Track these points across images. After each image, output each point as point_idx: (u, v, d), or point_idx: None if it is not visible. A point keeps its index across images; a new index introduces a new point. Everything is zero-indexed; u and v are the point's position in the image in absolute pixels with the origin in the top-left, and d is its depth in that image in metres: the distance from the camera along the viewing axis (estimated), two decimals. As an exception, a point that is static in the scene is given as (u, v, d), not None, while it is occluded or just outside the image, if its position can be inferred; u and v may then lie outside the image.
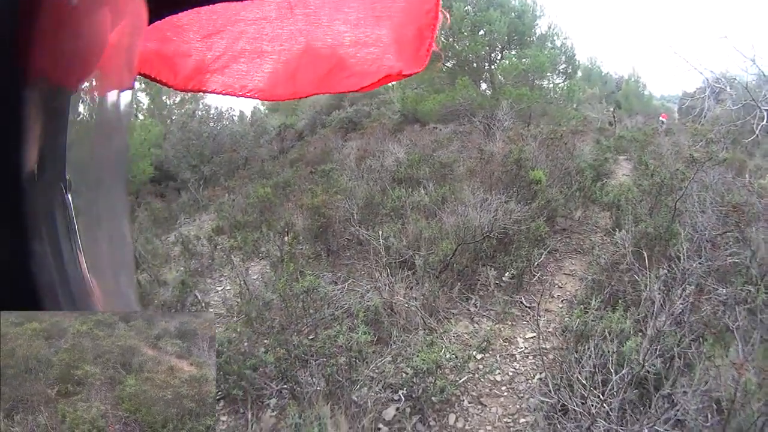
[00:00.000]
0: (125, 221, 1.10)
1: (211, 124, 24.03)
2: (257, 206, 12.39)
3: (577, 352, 5.40)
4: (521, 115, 15.81)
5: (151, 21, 1.13)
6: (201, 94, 2.20)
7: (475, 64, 20.00)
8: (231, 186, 16.86)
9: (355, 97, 20.23)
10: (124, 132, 1.06)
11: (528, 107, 16.29)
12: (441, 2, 1.75)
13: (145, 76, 1.76)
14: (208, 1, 1.54)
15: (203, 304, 8.63)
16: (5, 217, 0.62)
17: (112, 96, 0.90)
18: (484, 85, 19.96)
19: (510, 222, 8.30)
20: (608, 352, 4.96)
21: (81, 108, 0.76)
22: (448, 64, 19.62)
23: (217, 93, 1.89)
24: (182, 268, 9.97)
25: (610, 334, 5.23)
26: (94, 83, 0.80)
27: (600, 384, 4.83)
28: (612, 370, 4.79)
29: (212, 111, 25.30)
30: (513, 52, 20.08)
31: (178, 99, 27.24)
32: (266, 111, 33.85)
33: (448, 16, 1.81)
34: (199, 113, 24.77)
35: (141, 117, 25.38)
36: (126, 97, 0.99)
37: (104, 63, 0.81)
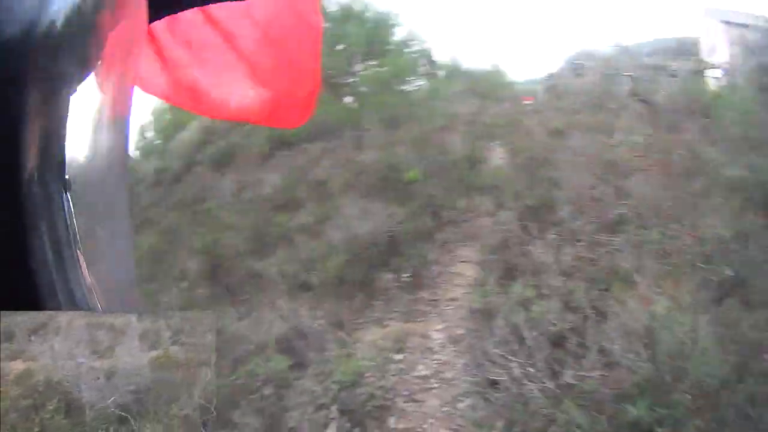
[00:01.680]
0: (126, 220, 1.10)
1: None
2: (148, 257, 11.98)
3: (489, 328, 5.58)
4: (389, 121, 16.10)
5: (151, 20, 1.16)
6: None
7: (336, 80, 20.18)
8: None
9: (223, 128, 19.76)
10: (125, 130, 1.02)
11: (395, 113, 16.63)
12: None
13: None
14: (204, 2, 1.61)
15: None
16: (5, 216, 0.63)
17: (112, 94, 0.90)
18: (349, 98, 20.15)
19: (394, 224, 8.49)
20: (517, 321, 5.16)
21: (81, 106, 0.75)
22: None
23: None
24: None
25: (517, 305, 5.45)
26: (94, 81, 0.79)
27: (518, 352, 5.02)
28: (524, 336, 5.00)
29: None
30: (373, 62, 20.35)
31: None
32: (139, 158, 32.59)
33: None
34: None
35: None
36: (126, 94, 1.01)
37: (105, 61, 0.81)
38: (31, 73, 0.64)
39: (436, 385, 5.97)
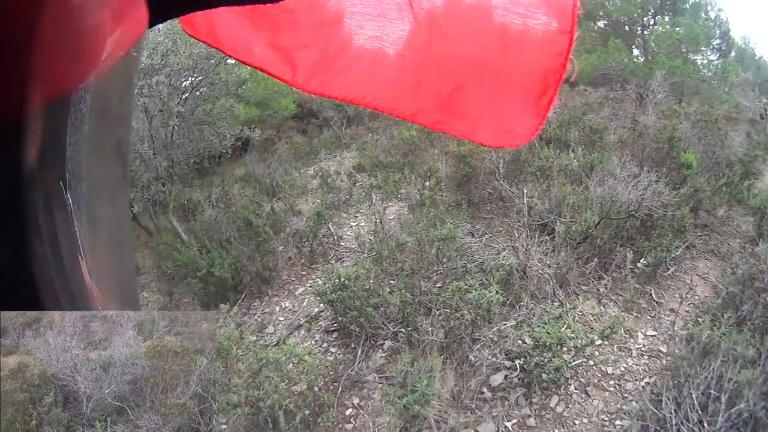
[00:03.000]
0: (126, 220, 1.10)
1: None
2: (401, 148, 12.49)
3: (692, 367, 5.15)
4: (673, 88, 14.84)
5: (152, 24, 1.06)
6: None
7: (627, 27, 18.89)
8: (375, 127, 17.00)
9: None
10: (124, 131, 1.01)
11: (681, 82, 15.30)
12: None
13: (260, 69, 1.71)
14: (210, 5, 1.45)
15: (336, 237, 8.89)
16: (6, 217, 0.63)
17: (112, 95, 0.90)
18: (636, 51, 18.87)
19: (657, 205, 7.90)
20: (726, 378, 4.67)
21: (81, 107, 0.75)
22: (600, 24, 18.62)
23: (342, 100, 1.76)
24: (319, 201, 10.22)
25: (732, 358, 4.91)
26: (94, 83, 0.78)
27: (707, 410, 4.59)
28: (723, 401, 4.52)
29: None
30: (666, 19, 18.80)
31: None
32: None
33: (576, 64, 1.60)
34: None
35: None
36: (127, 95, 1.00)
37: (105, 63, 0.80)
38: (32, 74, 0.62)
39: (611, 389, 5.65)
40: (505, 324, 6.13)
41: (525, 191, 8.07)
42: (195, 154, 10.31)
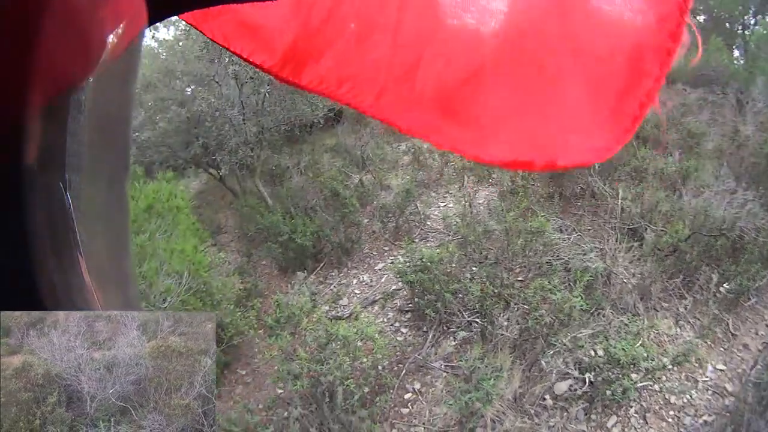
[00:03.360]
0: (124, 220, 1.08)
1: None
2: None
3: (756, 417, 4.95)
4: (773, 97, 14.08)
5: (151, 22, 1.04)
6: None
7: (727, 25, 17.95)
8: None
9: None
10: (125, 129, 1.00)
11: (783, 88, 14.52)
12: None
13: (237, 54, 1.50)
14: (210, 3, 1.33)
15: (422, 216, 8.88)
16: (5, 217, 0.63)
17: (112, 94, 0.89)
18: (736, 52, 17.88)
19: (750, 227, 7.48)
20: None
21: (82, 106, 0.74)
22: (700, 19, 17.72)
23: (312, 90, 1.48)
24: (408, 177, 10.09)
25: None
26: (94, 81, 0.77)
27: None
28: None
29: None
30: (767, 19, 17.76)
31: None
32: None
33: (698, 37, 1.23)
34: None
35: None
36: (128, 91, 0.99)
37: (105, 62, 0.78)
38: (33, 72, 0.62)
39: (669, 419, 5.50)
40: (582, 332, 6.03)
41: (620, 192, 7.85)
42: (286, 121, 10.41)
